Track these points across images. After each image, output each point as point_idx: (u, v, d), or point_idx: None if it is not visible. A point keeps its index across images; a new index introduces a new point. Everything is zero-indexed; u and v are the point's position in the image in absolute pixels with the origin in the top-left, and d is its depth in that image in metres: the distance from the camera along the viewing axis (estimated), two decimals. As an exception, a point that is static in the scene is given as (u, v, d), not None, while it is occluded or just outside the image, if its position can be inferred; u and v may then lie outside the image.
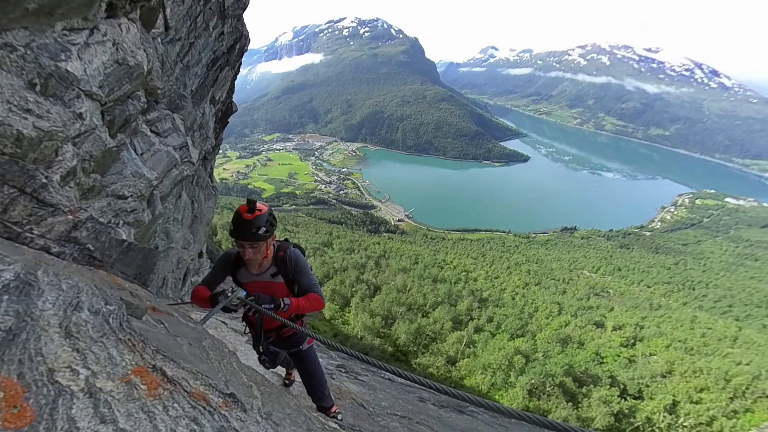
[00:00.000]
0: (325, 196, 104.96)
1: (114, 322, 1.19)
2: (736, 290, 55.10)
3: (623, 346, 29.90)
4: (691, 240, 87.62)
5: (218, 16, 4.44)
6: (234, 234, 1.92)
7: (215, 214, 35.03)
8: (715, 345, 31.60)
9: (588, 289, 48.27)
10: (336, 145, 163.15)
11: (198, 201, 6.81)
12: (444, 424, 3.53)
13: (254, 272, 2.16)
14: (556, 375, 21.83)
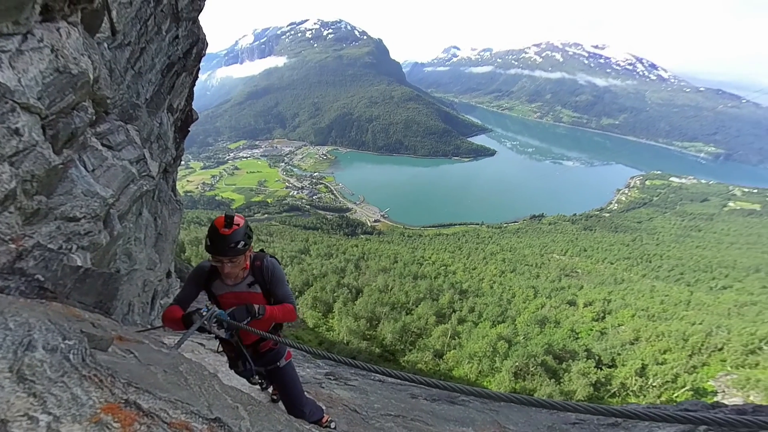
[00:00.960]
0: (298, 202, 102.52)
1: (75, 358, 1.08)
2: (685, 259, 60.85)
3: (594, 320, 32.11)
4: (644, 218, 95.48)
5: (171, 18, 4.16)
6: (211, 250, 1.85)
7: (182, 229, 33.08)
8: (672, 310, 34.72)
9: (559, 271, 51.15)
10: (306, 149, 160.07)
11: (161, 217, 6.37)
12: (438, 417, 3.56)
13: (230, 283, 2.09)
14: (538, 355, 22.95)
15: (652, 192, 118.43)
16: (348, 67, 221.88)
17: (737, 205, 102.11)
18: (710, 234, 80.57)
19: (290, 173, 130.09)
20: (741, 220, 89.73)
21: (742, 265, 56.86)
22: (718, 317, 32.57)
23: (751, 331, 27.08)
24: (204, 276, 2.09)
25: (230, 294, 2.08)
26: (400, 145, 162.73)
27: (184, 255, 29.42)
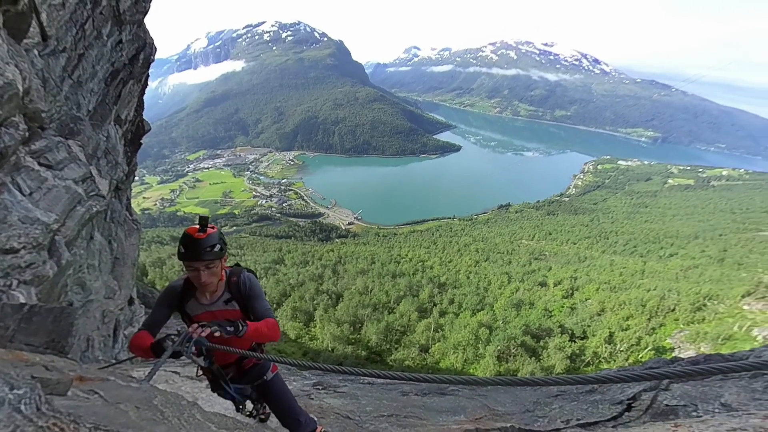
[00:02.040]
0: (267, 211, 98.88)
1: (28, 409, 0.96)
2: (637, 233, 66.68)
3: (564, 297, 34.37)
4: (599, 199, 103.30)
5: (113, 21, 3.80)
6: (186, 256, 1.74)
7: (141, 251, 30.73)
8: (630, 280, 37.96)
9: (528, 256, 53.95)
10: (271, 155, 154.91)
11: (117, 240, 5.82)
12: (430, 410, 3.59)
13: (206, 302, 1.95)
14: (517, 336, 24.12)
15: (603, 175, 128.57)
16: (310, 70, 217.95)
17: (675, 181, 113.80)
18: (655, 209, 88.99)
19: (257, 182, 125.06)
20: (679, 195, 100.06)
21: (684, 233, 63.43)
22: (669, 282, 36.19)
23: (696, 291, 30.47)
24: (176, 296, 1.94)
25: (207, 314, 1.95)
26: (368, 146, 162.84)
27: (147, 278, 27.33)
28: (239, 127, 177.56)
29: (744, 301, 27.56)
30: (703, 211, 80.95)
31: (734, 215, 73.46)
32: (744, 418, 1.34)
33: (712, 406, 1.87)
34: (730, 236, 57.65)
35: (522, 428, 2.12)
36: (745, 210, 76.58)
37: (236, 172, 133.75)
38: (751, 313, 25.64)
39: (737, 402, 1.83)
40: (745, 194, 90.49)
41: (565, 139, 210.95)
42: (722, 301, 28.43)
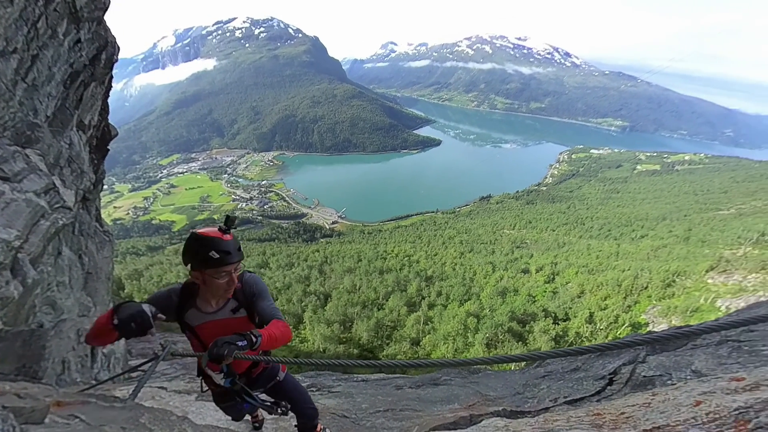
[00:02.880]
0: (248, 214, 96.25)
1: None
2: (610, 217, 69.99)
3: (546, 282, 35.74)
4: (574, 187, 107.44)
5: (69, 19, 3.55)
6: (220, 261, 1.57)
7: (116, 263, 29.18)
8: (606, 262, 39.87)
9: (511, 244, 55.55)
10: (249, 157, 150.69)
11: (88, 253, 5.49)
12: (424, 401, 3.65)
13: (210, 310, 1.75)
14: (504, 323, 24.90)
15: (578, 164, 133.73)
16: (285, 67, 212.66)
17: (643, 167, 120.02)
18: (626, 194, 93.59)
19: (235, 185, 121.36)
20: (647, 180, 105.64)
21: (652, 216, 67.12)
22: (641, 262, 38.31)
23: (666, 269, 32.43)
24: (174, 303, 1.71)
25: (211, 324, 1.75)
26: (349, 144, 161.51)
27: (124, 292, 26.12)
28: (214, 128, 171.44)
29: (708, 275, 29.62)
30: (669, 194, 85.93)
31: (696, 197, 78.46)
32: (713, 382, 1.45)
33: (685, 374, 2.01)
34: (694, 216, 61.56)
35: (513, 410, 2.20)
36: (706, 191, 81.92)
37: (213, 175, 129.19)
38: (715, 286, 27.63)
39: (706, 368, 1.98)
40: (705, 177, 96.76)
41: (540, 130, 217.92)
42: (689, 277, 30.44)
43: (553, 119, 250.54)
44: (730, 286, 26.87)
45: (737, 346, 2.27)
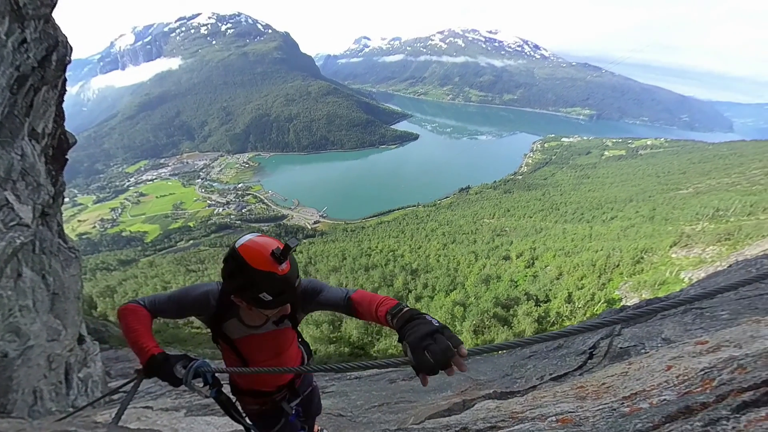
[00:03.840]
0: (226, 219, 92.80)
1: None
2: (582, 202, 73.46)
3: (527, 267, 37.20)
4: (548, 174, 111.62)
5: (11, 17, 3.25)
6: (269, 305, 1.25)
7: (85, 281, 27.36)
8: (581, 244, 41.91)
9: (491, 233, 57.16)
10: (223, 159, 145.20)
11: (52, 273, 5.10)
12: (418, 392, 3.72)
13: (254, 324, 1.48)
14: (489, 309, 25.72)
15: (550, 152, 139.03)
16: (256, 65, 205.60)
17: (610, 153, 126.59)
18: (596, 179, 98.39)
19: (210, 189, 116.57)
20: (614, 164, 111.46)
21: (620, 198, 71.00)
22: (612, 242, 40.59)
23: (635, 247, 34.56)
24: (211, 309, 1.45)
25: (256, 338, 1.51)
26: (326, 141, 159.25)
27: (97, 311, 24.66)
28: (183, 131, 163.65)
29: (672, 250, 31.89)
30: (635, 177, 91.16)
31: (659, 178, 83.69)
32: (680, 347, 1.57)
33: (656, 342, 2.17)
34: (657, 197, 65.71)
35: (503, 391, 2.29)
36: (667, 173, 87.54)
37: (185, 181, 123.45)
38: (678, 259, 29.81)
39: (674, 335, 2.15)
40: (665, 160, 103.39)
41: (514, 121, 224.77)
42: (655, 253, 32.61)
43: (526, 110, 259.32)
44: (691, 258, 29.06)
45: (700, 313, 2.47)
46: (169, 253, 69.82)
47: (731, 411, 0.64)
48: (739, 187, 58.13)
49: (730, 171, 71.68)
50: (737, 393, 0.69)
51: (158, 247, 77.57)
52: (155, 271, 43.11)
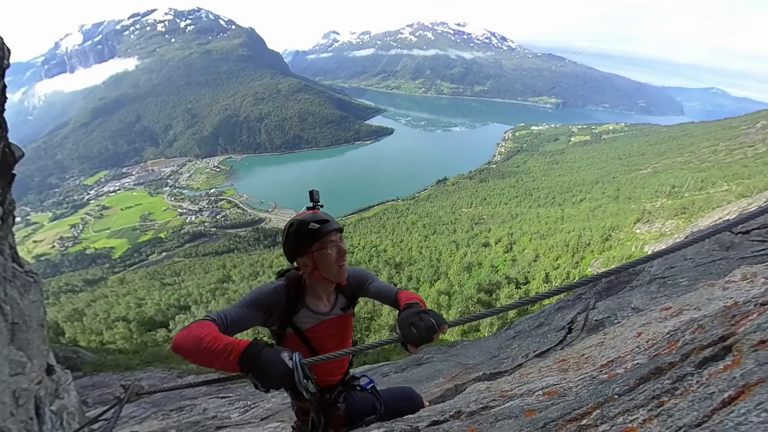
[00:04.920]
0: (200, 227, 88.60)
1: None
2: (553, 186, 76.84)
3: (505, 252, 38.62)
4: (520, 162, 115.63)
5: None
6: (320, 231, 1.39)
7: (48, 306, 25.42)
8: (554, 226, 43.98)
9: (470, 222, 58.64)
10: (192, 165, 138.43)
11: (9, 301, 4.67)
12: (410, 382, 3.79)
13: (324, 309, 1.50)
14: (473, 296, 26.48)
15: (521, 141, 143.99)
16: (221, 63, 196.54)
17: (576, 139, 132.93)
18: (565, 164, 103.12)
19: (180, 197, 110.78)
20: (580, 149, 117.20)
21: (588, 181, 74.92)
22: (583, 222, 42.90)
23: (603, 226, 36.76)
24: (282, 303, 1.41)
25: (326, 324, 1.50)
26: (300, 140, 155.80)
27: (65, 337, 22.99)
28: (146, 137, 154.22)
29: (636, 226, 34.23)
30: (599, 161, 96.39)
31: (621, 161, 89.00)
32: (648, 315, 1.71)
33: (626, 312, 2.34)
34: (620, 177, 69.93)
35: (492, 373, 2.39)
36: (628, 155, 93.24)
37: (152, 190, 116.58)
38: (642, 234, 32.08)
39: (642, 304, 2.33)
40: (626, 143, 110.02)
41: (485, 112, 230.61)
42: (621, 230, 34.86)
43: (496, 101, 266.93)
44: (653, 233, 31.33)
45: (663, 282, 2.69)
46: (141, 268, 66.05)
47: (695, 367, 0.73)
48: (691, 165, 63.06)
49: (682, 150, 77.52)
50: (698, 350, 0.78)
51: (128, 262, 73.14)
52: (127, 289, 40.67)
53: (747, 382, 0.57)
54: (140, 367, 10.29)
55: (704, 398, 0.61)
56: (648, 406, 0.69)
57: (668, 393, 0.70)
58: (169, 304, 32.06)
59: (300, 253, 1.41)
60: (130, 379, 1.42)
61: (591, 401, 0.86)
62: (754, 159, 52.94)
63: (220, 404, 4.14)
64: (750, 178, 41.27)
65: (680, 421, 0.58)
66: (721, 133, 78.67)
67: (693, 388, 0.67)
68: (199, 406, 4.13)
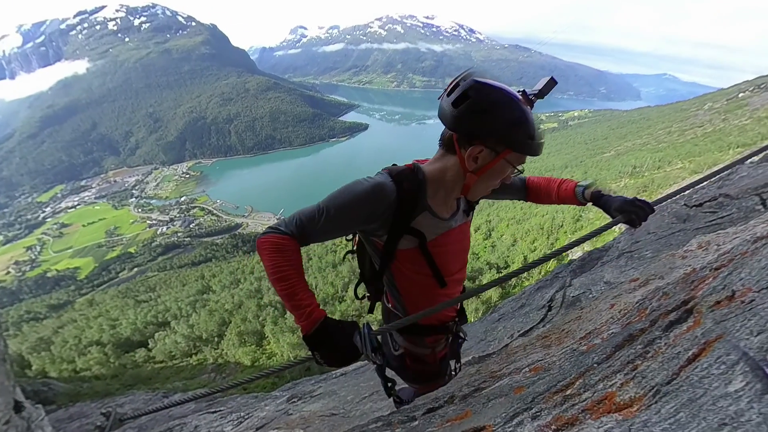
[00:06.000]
0: (172, 238, 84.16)
1: None
2: (526, 173, 79.27)
3: (485, 239, 40.01)
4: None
5: None
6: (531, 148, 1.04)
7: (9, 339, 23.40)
8: (529, 211, 45.75)
9: (450, 214, 59.87)
10: (158, 173, 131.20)
11: None
12: (403, 374, 3.85)
13: (446, 215, 1.14)
14: (457, 283, 27.26)
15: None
16: (182, 63, 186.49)
17: (545, 126, 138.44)
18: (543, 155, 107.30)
19: (148, 208, 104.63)
20: (549, 136, 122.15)
21: (558, 165, 78.15)
22: (555, 205, 44.93)
23: (573, 207, 38.67)
24: (390, 203, 1.03)
25: (453, 235, 1.15)
26: (273, 140, 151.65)
27: (32, 370, 21.38)
28: (104, 145, 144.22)
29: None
30: (567, 146, 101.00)
31: (587, 145, 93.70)
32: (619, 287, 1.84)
33: (600, 286, 2.51)
34: (587, 161, 73.69)
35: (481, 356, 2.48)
36: (593, 140, 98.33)
37: (116, 202, 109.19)
38: (609, 215, 34.19)
39: (614, 278, 2.50)
40: (590, 128, 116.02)
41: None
42: (590, 210, 36.88)
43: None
44: (618, 213, 33.44)
45: (630, 255, 2.90)
46: (111, 286, 62.22)
47: (662, 331, 0.80)
48: (649, 146, 67.52)
49: (641, 133, 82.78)
50: (665, 315, 0.85)
51: (96, 282, 68.44)
52: (98, 310, 38.18)
53: (707, 340, 0.63)
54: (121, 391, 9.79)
55: (672, 358, 0.67)
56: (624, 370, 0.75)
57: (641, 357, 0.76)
58: (146, 322, 30.58)
59: (486, 141, 0.99)
60: (110, 406, 1.32)
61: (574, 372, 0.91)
62: (703, 138, 57.46)
63: (212, 419, 4.02)
64: (700, 156, 44.89)
65: (653, 381, 0.64)
66: (673, 116, 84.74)
67: (662, 350, 0.72)
68: (190, 423, 4.00)
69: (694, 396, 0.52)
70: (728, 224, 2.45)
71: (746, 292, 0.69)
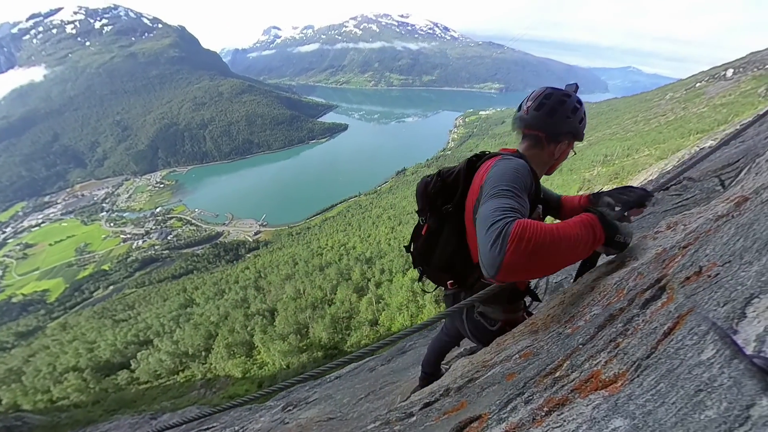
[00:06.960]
0: (149, 252, 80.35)
1: None
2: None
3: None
4: (473, 146, 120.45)
5: None
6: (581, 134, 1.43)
7: None
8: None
9: (434, 210, 60.45)
10: (130, 184, 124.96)
11: None
12: (397, 371, 3.88)
13: None
14: (444, 280, 27.55)
15: (472, 126, 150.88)
16: (150, 67, 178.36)
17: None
18: (513, 145, 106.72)
19: (121, 221, 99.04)
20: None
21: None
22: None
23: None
24: (533, 180, 1.25)
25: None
26: (251, 144, 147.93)
27: (2, 404, 19.96)
28: (68, 158, 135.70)
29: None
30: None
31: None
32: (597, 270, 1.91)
33: (580, 272, 2.62)
34: (561, 152, 76.47)
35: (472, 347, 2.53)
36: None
37: (86, 217, 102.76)
38: (584, 203, 35.49)
39: (592, 263, 2.62)
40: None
41: (435, 100, 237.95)
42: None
43: (444, 89, 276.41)
44: (593, 200, 34.82)
45: (607, 241, 3.04)
46: (86, 307, 58.78)
47: (639, 308, 0.85)
48: (618, 136, 70.80)
49: (610, 123, 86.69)
50: (641, 294, 0.90)
51: (68, 304, 64.32)
52: (72, 334, 36.00)
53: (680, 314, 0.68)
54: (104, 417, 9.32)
55: (650, 333, 0.71)
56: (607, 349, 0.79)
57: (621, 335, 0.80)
58: (126, 342, 29.20)
59: (565, 137, 1.38)
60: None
61: (561, 354, 0.94)
62: (666, 126, 60.92)
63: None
64: (665, 143, 47.60)
65: (634, 356, 0.68)
66: (638, 106, 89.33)
67: (640, 327, 0.77)
68: (180, 441, 3.87)
69: (671, 367, 0.56)
70: (692, 205, 2.62)
71: (711, 267, 0.74)
